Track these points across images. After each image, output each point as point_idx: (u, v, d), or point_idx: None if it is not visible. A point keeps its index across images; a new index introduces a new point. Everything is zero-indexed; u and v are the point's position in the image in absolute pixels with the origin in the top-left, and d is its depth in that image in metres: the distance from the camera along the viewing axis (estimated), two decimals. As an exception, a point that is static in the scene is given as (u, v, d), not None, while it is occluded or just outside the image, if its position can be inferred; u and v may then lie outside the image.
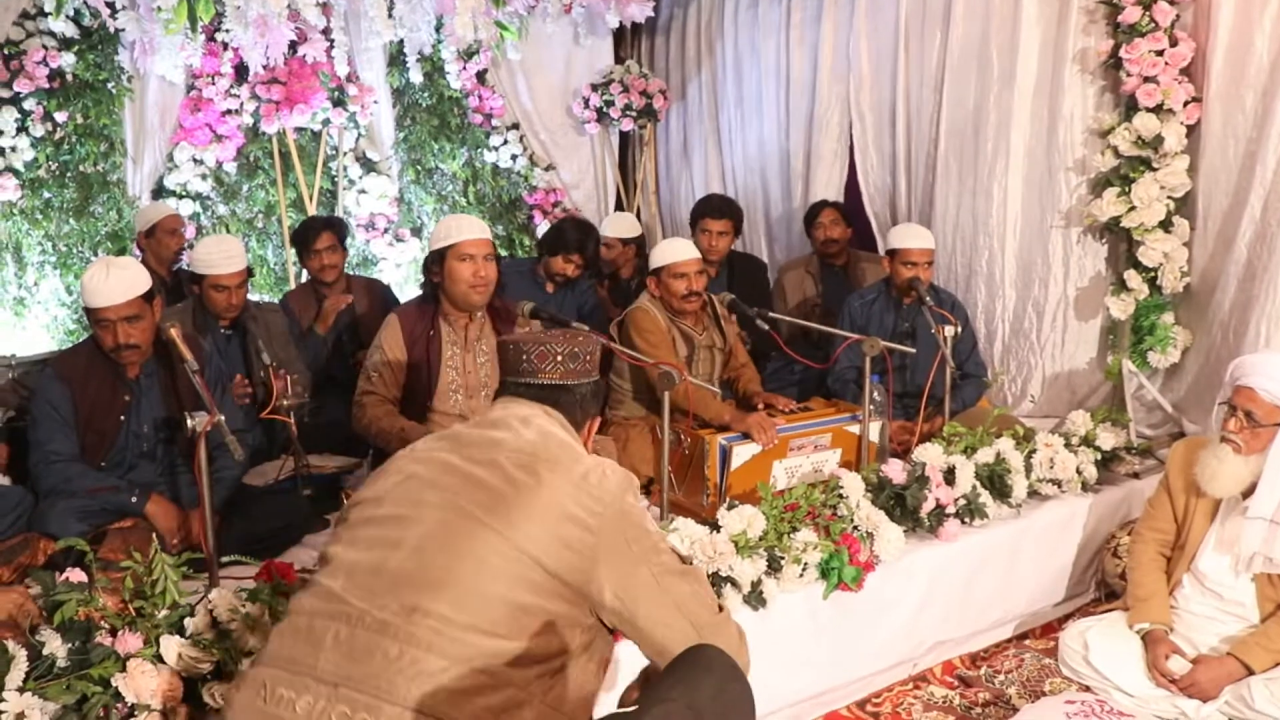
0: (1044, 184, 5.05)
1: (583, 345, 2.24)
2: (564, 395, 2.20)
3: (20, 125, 5.58)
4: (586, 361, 2.24)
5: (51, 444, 3.45)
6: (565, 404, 2.20)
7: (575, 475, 2.00)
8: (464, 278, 3.76)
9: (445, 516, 1.95)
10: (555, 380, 2.20)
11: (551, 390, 2.20)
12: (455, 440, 2.11)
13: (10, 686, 2.25)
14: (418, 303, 3.96)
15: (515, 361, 2.22)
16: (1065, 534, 4.06)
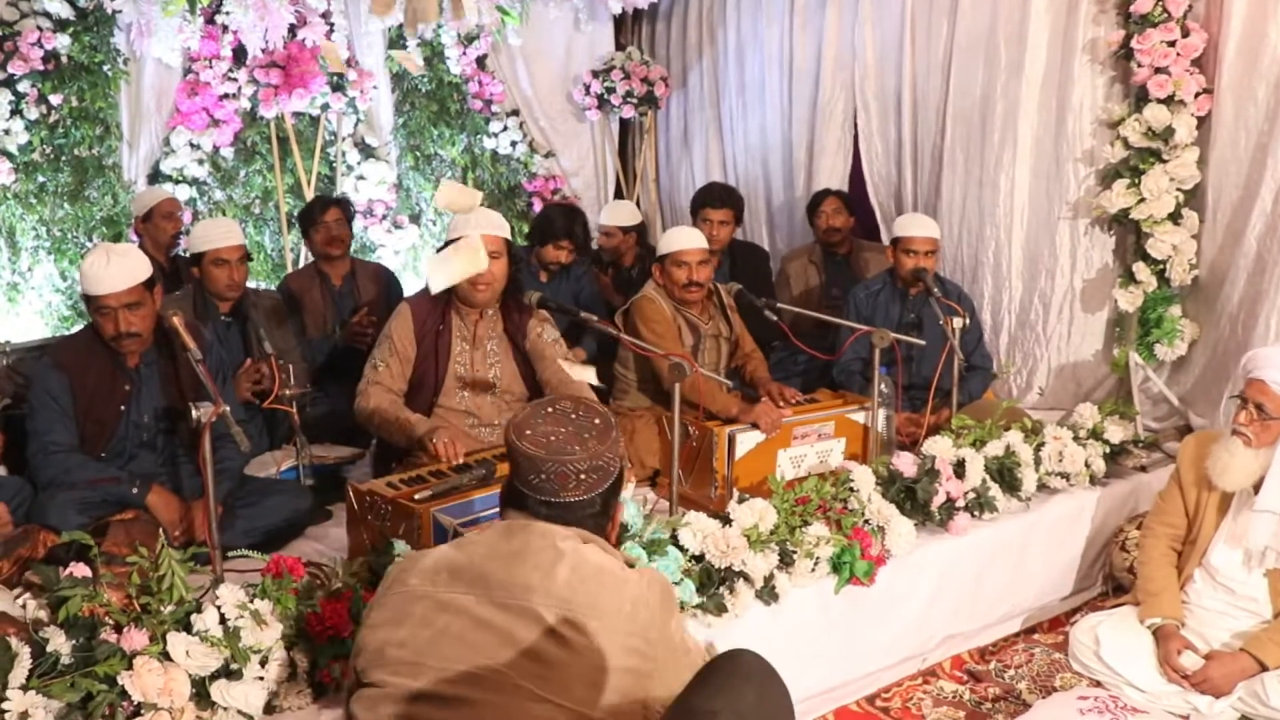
0: (1052, 175, 5.00)
1: (603, 452, 2.03)
2: (588, 509, 2.04)
3: (14, 108, 5.49)
4: (610, 464, 2.05)
5: (50, 434, 3.40)
6: (591, 518, 2.05)
7: (622, 618, 1.90)
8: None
9: (504, 701, 1.85)
10: (578, 497, 2.02)
11: (575, 508, 2.03)
12: (482, 583, 1.94)
13: (14, 684, 2.21)
14: (429, 294, 3.86)
15: (530, 476, 2.02)
16: (1073, 528, 4.03)
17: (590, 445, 2.02)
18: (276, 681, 2.45)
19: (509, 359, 3.83)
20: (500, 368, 3.81)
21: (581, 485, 2.01)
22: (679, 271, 4.24)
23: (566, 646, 1.87)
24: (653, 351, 3.79)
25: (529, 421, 2.06)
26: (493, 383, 3.80)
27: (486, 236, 3.61)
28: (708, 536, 3.02)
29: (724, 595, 2.99)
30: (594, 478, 2.02)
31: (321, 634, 2.46)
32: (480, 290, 3.69)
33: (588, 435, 2.04)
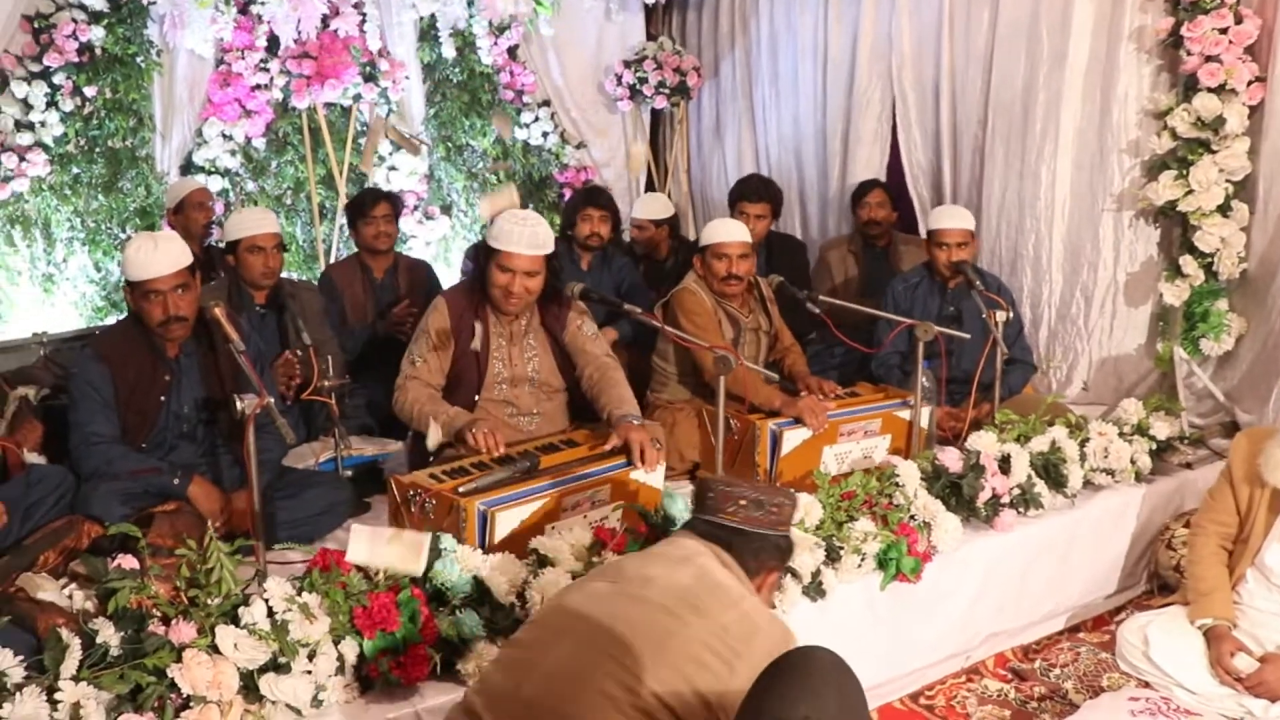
0: (1095, 166, 4.93)
1: (772, 497, 2.22)
2: (738, 539, 2.18)
3: (50, 100, 5.49)
4: (772, 513, 2.21)
5: (92, 425, 3.39)
6: (738, 547, 2.17)
7: (718, 623, 1.97)
8: (499, 284, 3.59)
9: (578, 650, 1.97)
10: (734, 523, 2.18)
11: (727, 531, 2.18)
12: (617, 570, 2.18)
13: (65, 675, 2.20)
14: (466, 289, 3.81)
15: (701, 497, 2.25)
16: (1118, 525, 3.98)
17: (767, 489, 2.25)
18: (324, 675, 2.43)
19: (546, 352, 3.80)
20: (538, 361, 3.77)
21: (741, 512, 2.18)
22: (719, 264, 4.20)
23: (655, 626, 1.95)
24: (698, 344, 3.74)
25: (730, 480, 2.31)
26: (531, 376, 3.76)
27: (527, 256, 3.57)
28: (755, 532, 2.98)
29: (771, 591, 2.95)
30: (756, 511, 2.18)
31: (369, 628, 2.44)
32: (511, 303, 3.63)
33: (763, 485, 2.32)
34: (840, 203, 6.30)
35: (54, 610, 2.45)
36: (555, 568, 2.72)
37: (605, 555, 2.80)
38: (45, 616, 2.42)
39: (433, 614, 2.56)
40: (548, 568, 2.73)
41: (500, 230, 3.58)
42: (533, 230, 3.58)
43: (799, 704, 1.67)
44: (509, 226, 3.57)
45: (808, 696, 1.69)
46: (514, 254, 3.55)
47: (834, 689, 1.72)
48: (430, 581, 2.62)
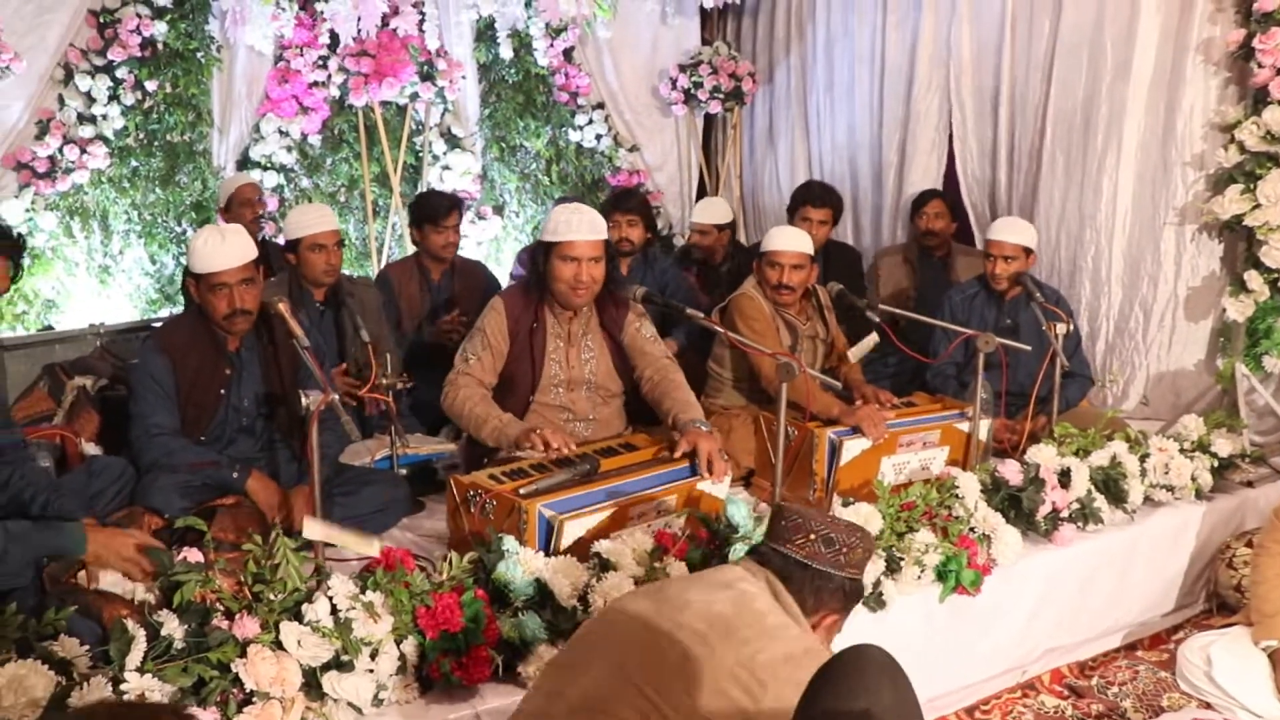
0: (1158, 179, 4.86)
1: (847, 536, 2.11)
2: (799, 572, 2.07)
3: (112, 93, 5.56)
4: (842, 552, 2.09)
5: (153, 417, 3.41)
6: (797, 580, 2.07)
7: (746, 653, 1.88)
8: (565, 278, 3.57)
9: (607, 675, 1.94)
10: (799, 555, 2.08)
11: (790, 563, 2.08)
12: (660, 591, 2.11)
13: (130, 666, 2.21)
14: (523, 289, 3.78)
15: (774, 522, 2.16)
16: (1178, 542, 3.93)
17: (845, 527, 2.12)
18: (386, 675, 2.43)
19: (604, 355, 3.77)
20: (595, 363, 3.75)
21: (808, 546, 2.08)
22: (772, 272, 4.17)
23: (684, 653, 1.89)
24: (759, 350, 3.71)
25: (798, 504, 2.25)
26: (588, 379, 3.74)
27: (588, 242, 3.56)
28: (816, 541, 2.95)
29: (831, 601, 2.92)
30: (824, 548, 2.08)
31: (432, 628, 2.43)
32: (580, 294, 3.60)
33: (840, 522, 2.14)
34: (894, 212, 6.26)
35: (118, 601, 2.47)
36: (617, 572, 2.70)
37: (667, 561, 2.78)
38: (110, 607, 2.44)
39: (495, 615, 2.55)
40: (610, 571, 2.72)
41: (555, 223, 3.58)
42: (590, 217, 3.59)
43: (856, 698, 1.65)
44: (563, 217, 3.57)
45: (863, 691, 1.65)
46: (576, 242, 3.54)
47: (889, 682, 1.70)
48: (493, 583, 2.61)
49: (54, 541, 2.53)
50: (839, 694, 1.70)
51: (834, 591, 2.08)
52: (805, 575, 2.07)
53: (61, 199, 5.62)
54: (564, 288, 3.59)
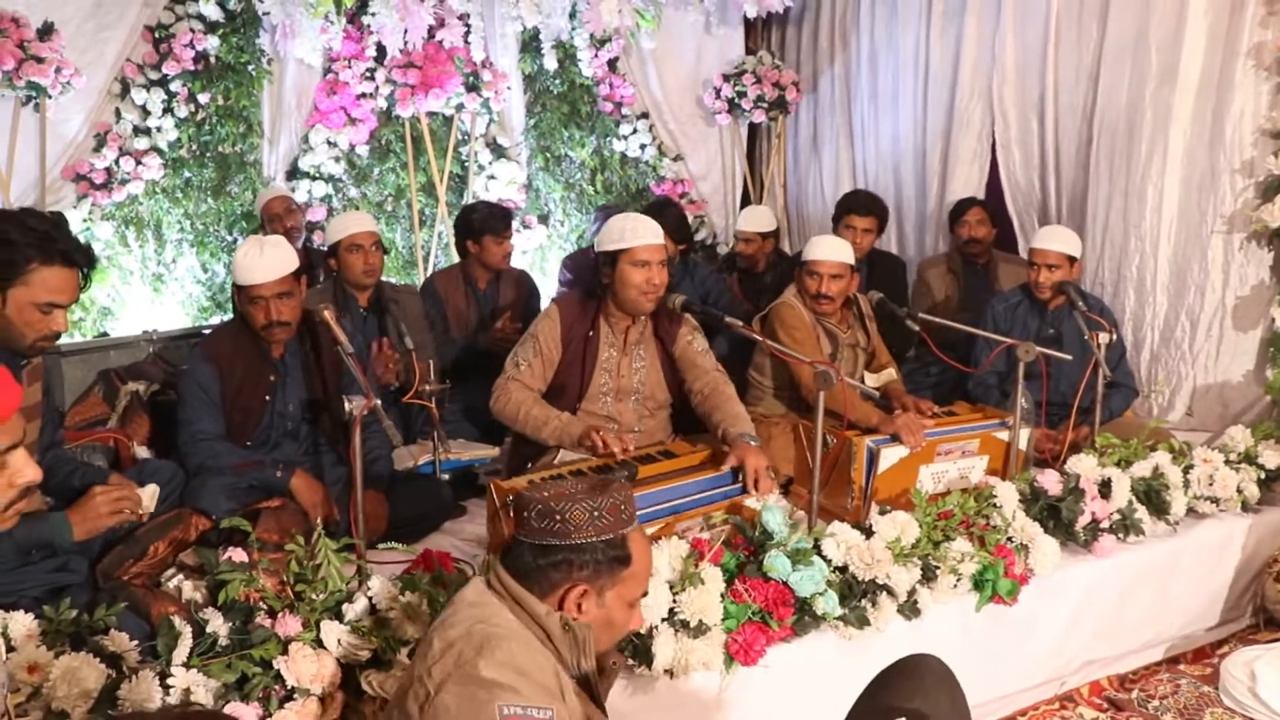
0: (1205, 186, 4.81)
1: (565, 503, 1.93)
2: (528, 556, 1.95)
3: (166, 106, 5.70)
4: (556, 520, 1.92)
5: (199, 423, 3.49)
6: (526, 566, 1.95)
7: (422, 667, 1.83)
8: (636, 284, 3.60)
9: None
10: (520, 536, 1.97)
11: (519, 548, 1.97)
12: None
13: (176, 661, 2.28)
14: (580, 298, 3.80)
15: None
16: (1223, 555, 3.88)
17: (562, 498, 1.95)
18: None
19: (655, 366, 3.81)
20: (645, 374, 3.79)
21: (527, 525, 1.95)
22: (811, 281, 4.18)
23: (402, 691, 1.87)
24: (798, 358, 3.73)
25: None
26: (637, 389, 3.77)
27: (654, 246, 3.60)
28: (852, 548, 2.97)
29: (866, 608, 2.94)
30: (540, 522, 1.93)
31: (469, 629, 2.47)
32: (650, 299, 3.64)
33: (565, 500, 1.95)
34: (938, 221, 6.24)
35: (166, 598, 2.54)
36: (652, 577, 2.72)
37: (702, 566, 2.80)
38: (158, 604, 2.52)
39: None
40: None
41: (620, 231, 3.62)
42: (650, 223, 3.65)
43: (913, 698, 1.70)
44: (627, 225, 3.62)
45: (920, 693, 1.71)
46: (644, 246, 3.59)
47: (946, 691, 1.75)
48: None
49: (41, 533, 2.60)
50: (898, 693, 1.77)
51: (568, 561, 1.92)
52: (531, 555, 1.94)
53: (117, 209, 5.76)
54: (635, 293, 3.62)
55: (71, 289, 2.65)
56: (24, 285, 2.56)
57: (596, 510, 1.94)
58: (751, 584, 2.82)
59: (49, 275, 2.58)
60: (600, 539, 1.94)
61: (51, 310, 2.62)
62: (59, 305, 2.63)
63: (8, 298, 2.57)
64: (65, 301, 2.64)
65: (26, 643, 2.23)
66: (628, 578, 1.99)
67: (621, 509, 1.97)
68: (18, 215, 2.60)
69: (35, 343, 2.65)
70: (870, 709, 1.74)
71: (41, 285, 2.57)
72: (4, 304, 2.58)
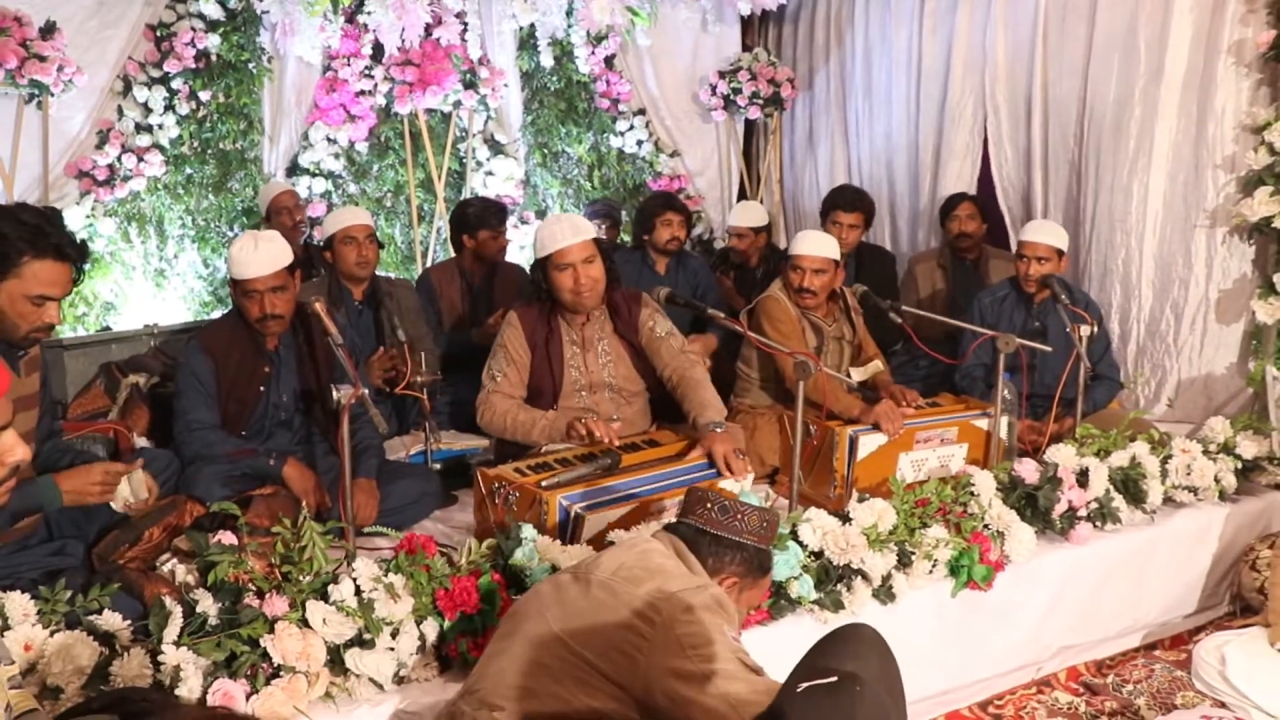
0: (1189, 182, 4.87)
1: (742, 507, 2.39)
2: (699, 537, 2.36)
3: (168, 104, 5.79)
4: (736, 519, 2.37)
5: (194, 413, 3.59)
6: (698, 544, 2.36)
7: (646, 593, 2.16)
8: (565, 286, 3.66)
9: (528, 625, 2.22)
10: (697, 523, 2.38)
11: (690, 530, 2.38)
12: (580, 563, 2.38)
13: (167, 640, 2.36)
14: (534, 302, 3.84)
15: (686, 501, 2.46)
16: (1200, 544, 3.93)
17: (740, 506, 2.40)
18: (406, 653, 2.55)
19: (622, 357, 3.86)
20: (614, 366, 3.84)
21: (706, 514, 2.38)
22: (795, 275, 4.24)
23: (588, 596, 2.21)
24: (779, 349, 3.80)
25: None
26: (608, 381, 3.83)
27: (576, 245, 3.64)
28: (828, 533, 3.05)
29: (841, 592, 3.01)
30: (720, 516, 2.37)
31: (451, 609, 2.56)
32: (585, 297, 3.68)
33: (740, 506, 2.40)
34: (930, 216, 6.30)
35: (159, 581, 2.63)
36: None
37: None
38: (151, 586, 2.60)
39: (510, 599, 2.67)
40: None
41: (542, 239, 3.68)
42: (572, 222, 3.72)
43: (845, 661, 1.85)
44: (547, 230, 3.68)
45: (853, 657, 1.88)
46: (564, 249, 3.63)
47: (878, 656, 1.90)
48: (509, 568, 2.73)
49: (32, 498, 2.69)
50: (831, 655, 1.90)
51: (730, 553, 2.36)
52: (704, 540, 2.36)
53: (120, 205, 5.84)
54: (568, 296, 3.68)
55: (63, 282, 2.73)
56: (16, 278, 2.65)
57: (766, 522, 2.41)
58: (728, 568, 2.89)
59: (40, 268, 2.66)
60: (761, 545, 2.40)
61: (43, 302, 2.70)
62: (50, 297, 2.71)
63: (1, 290, 2.66)
64: (57, 294, 2.73)
65: (22, 621, 2.32)
66: (763, 585, 2.48)
67: (776, 526, 2.46)
68: (11, 210, 2.69)
69: (28, 334, 2.74)
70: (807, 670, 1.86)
71: (33, 278, 2.66)
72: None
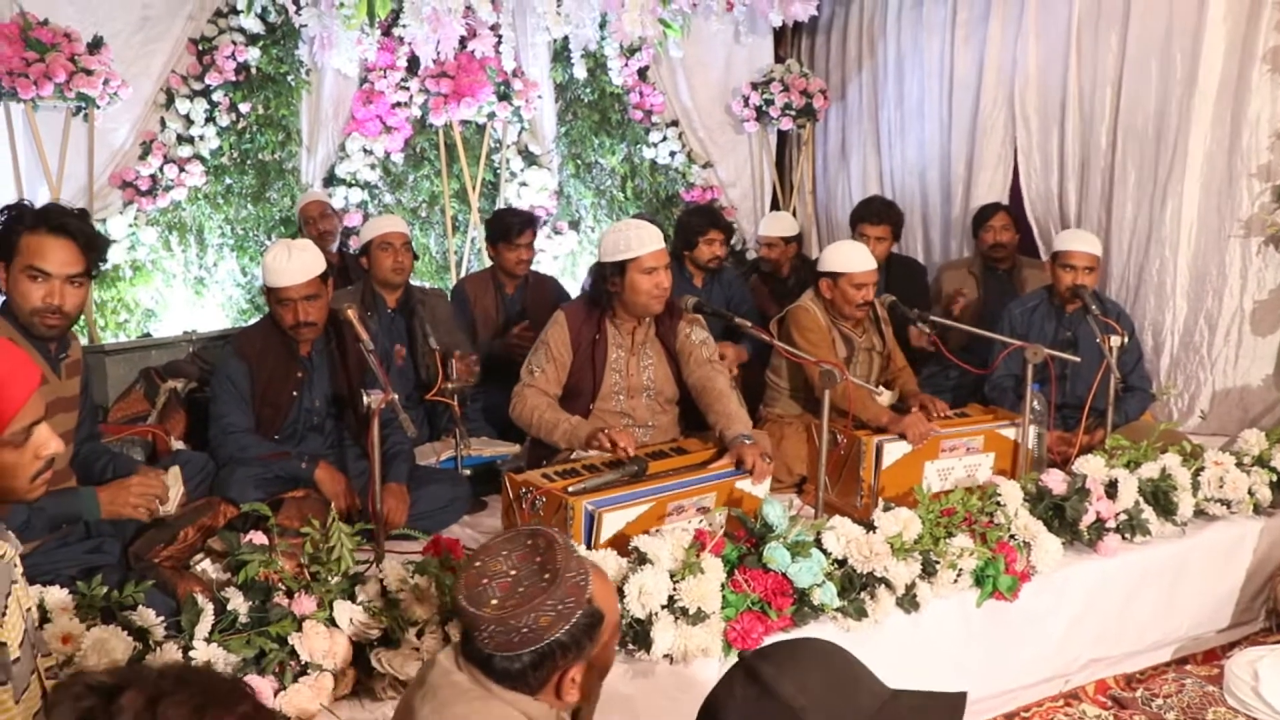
0: (1224, 191, 4.85)
1: (525, 610, 1.76)
2: (501, 664, 1.80)
3: (208, 115, 5.89)
4: (523, 631, 1.76)
5: (229, 417, 3.66)
6: (501, 673, 1.80)
7: None
8: (646, 290, 3.73)
9: None
10: (489, 651, 1.79)
11: (489, 660, 1.80)
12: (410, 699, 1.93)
13: (199, 636, 2.41)
14: (585, 304, 3.94)
15: (462, 623, 1.92)
16: (1233, 557, 3.89)
17: (509, 603, 1.78)
18: (430, 653, 2.58)
19: (662, 363, 3.92)
20: (654, 371, 3.90)
21: (493, 639, 1.78)
22: (856, 292, 4.23)
23: None
24: (805, 358, 3.83)
25: (488, 551, 1.89)
26: (647, 386, 3.89)
27: (658, 252, 3.73)
28: (851, 541, 3.05)
29: (865, 600, 3.02)
30: (504, 636, 1.77)
31: (475, 611, 2.58)
32: (659, 302, 3.78)
33: (518, 602, 1.78)
34: (963, 227, 6.29)
35: (192, 578, 2.68)
36: (654, 566, 2.83)
37: (703, 556, 2.89)
38: (184, 583, 2.66)
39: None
40: (647, 565, 2.85)
41: (626, 240, 3.73)
42: (653, 230, 3.78)
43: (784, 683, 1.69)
44: (632, 234, 3.74)
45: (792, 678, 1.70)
46: (650, 253, 3.71)
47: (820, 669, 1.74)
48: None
49: (71, 507, 2.75)
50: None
51: (546, 659, 1.79)
52: (507, 663, 1.79)
53: (161, 215, 5.96)
54: (645, 299, 3.75)
55: (61, 259, 2.77)
56: (17, 255, 2.75)
57: (559, 604, 1.78)
58: (751, 575, 2.91)
59: (34, 241, 2.74)
60: (572, 622, 1.79)
61: (37, 276, 2.75)
62: (45, 272, 2.76)
63: (9, 274, 2.75)
64: (54, 269, 2.77)
65: (61, 615, 2.38)
66: (605, 629, 1.87)
67: (576, 578, 1.82)
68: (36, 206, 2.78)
69: (31, 314, 2.79)
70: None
71: (27, 250, 2.74)
72: (8, 280, 2.75)
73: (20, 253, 2.75)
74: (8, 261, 2.78)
